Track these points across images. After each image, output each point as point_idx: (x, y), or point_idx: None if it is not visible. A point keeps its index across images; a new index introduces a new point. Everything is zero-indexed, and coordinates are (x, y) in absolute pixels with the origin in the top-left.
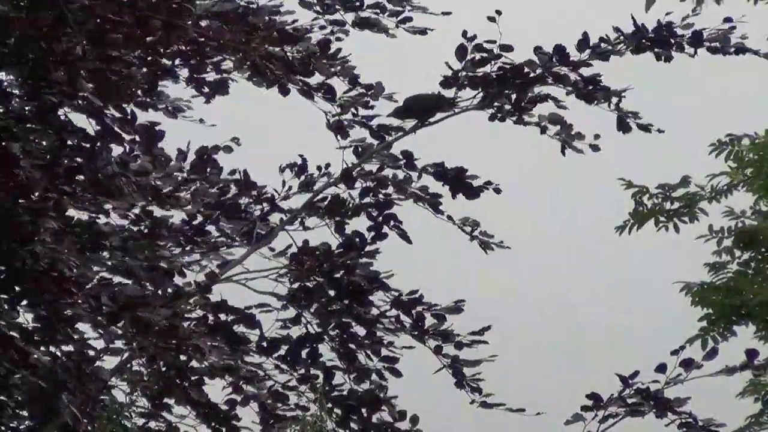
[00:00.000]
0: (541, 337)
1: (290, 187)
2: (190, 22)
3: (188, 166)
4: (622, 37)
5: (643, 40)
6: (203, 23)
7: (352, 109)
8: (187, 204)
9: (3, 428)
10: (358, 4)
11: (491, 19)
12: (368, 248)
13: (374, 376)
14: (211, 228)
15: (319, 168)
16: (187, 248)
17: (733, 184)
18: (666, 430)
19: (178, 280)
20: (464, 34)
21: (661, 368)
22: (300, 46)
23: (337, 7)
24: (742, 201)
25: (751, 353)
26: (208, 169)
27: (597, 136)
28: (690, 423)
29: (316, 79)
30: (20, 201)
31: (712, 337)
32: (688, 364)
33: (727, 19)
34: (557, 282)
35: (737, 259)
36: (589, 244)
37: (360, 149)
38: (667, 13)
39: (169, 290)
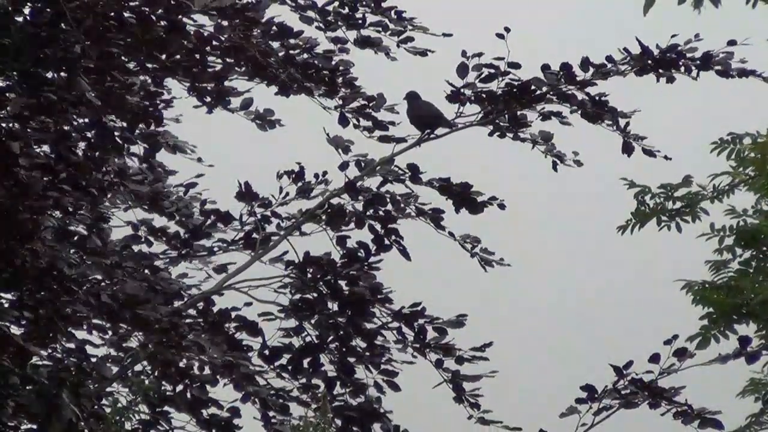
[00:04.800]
0: (541, 336)
1: (287, 194)
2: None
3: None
4: (628, 58)
5: (649, 62)
6: (203, 30)
7: (354, 120)
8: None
9: (3, 428)
10: (360, 21)
11: (500, 36)
12: (372, 259)
13: (372, 389)
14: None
15: (316, 176)
16: (184, 252)
17: (735, 183)
18: (661, 420)
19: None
20: (464, 53)
21: (654, 358)
22: (300, 40)
23: (339, 23)
24: (744, 200)
25: (744, 340)
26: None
27: (576, 153)
28: (685, 411)
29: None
30: (20, 199)
31: (713, 335)
32: (681, 354)
33: (731, 42)
34: (558, 282)
35: (738, 258)
36: (590, 244)
37: (363, 164)
38: (673, 35)
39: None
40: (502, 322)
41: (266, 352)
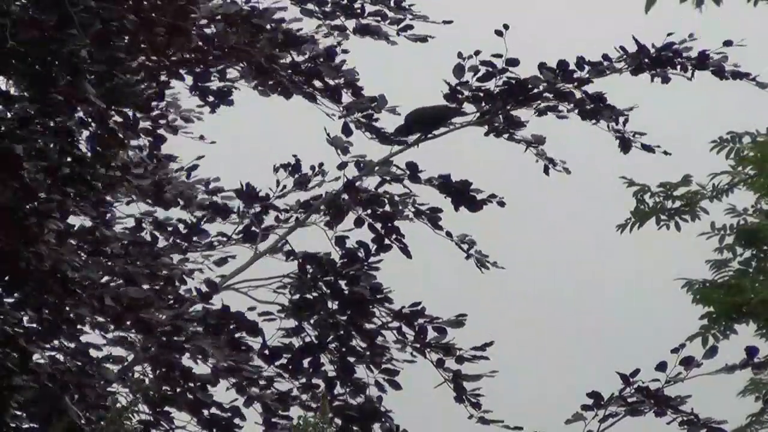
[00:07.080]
0: (541, 336)
1: (284, 186)
2: (194, 26)
3: None
4: (624, 56)
5: (645, 60)
6: (207, 30)
7: (354, 124)
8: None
9: (5, 429)
10: (359, 11)
11: (498, 33)
12: (372, 259)
13: (373, 389)
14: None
15: (312, 168)
16: (184, 246)
17: (734, 182)
18: (667, 428)
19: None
20: (459, 54)
21: (662, 367)
22: (305, 49)
23: (338, 13)
24: (743, 199)
25: (751, 351)
26: None
27: (564, 161)
28: (691, 420)
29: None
30: (24, 202)
31: (713, 335)
32: (688, 363)
33: (727, 43)
34: (558, 282)
35: (739, 257)
36: (590, 243)
37: (362, 164)
38: (669, 34)
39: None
40: (502, 323)
41: (266, 351)
